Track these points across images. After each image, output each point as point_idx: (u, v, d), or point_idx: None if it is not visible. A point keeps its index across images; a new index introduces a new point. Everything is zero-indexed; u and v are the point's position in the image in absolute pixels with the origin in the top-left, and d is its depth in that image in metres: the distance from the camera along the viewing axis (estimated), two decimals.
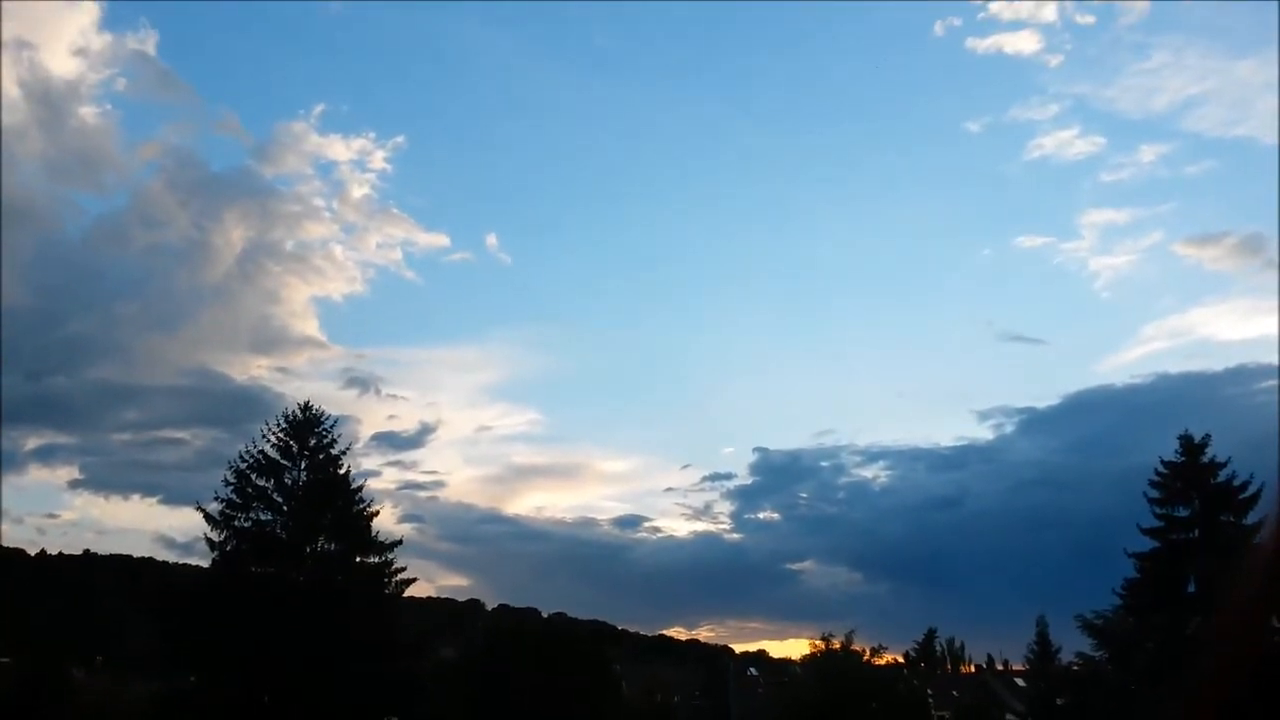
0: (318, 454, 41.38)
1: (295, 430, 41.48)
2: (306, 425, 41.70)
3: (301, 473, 41.01)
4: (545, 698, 48.85)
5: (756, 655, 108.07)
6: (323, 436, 41.66)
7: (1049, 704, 58.78)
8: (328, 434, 41.72)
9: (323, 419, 42.02)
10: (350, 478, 41.52)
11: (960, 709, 70.43)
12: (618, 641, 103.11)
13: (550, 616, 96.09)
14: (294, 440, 41.28)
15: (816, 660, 51.06)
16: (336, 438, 41.84)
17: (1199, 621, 42.14)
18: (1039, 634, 67.53)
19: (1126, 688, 43.90)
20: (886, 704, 48.80)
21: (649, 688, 76.71)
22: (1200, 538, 42.91)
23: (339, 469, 41.44)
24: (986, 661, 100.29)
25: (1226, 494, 42.76)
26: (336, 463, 41.49)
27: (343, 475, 41.39)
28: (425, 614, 78.57)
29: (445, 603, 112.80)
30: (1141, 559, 43.77)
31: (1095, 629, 45.23)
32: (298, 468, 41.06)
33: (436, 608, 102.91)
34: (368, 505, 41.24)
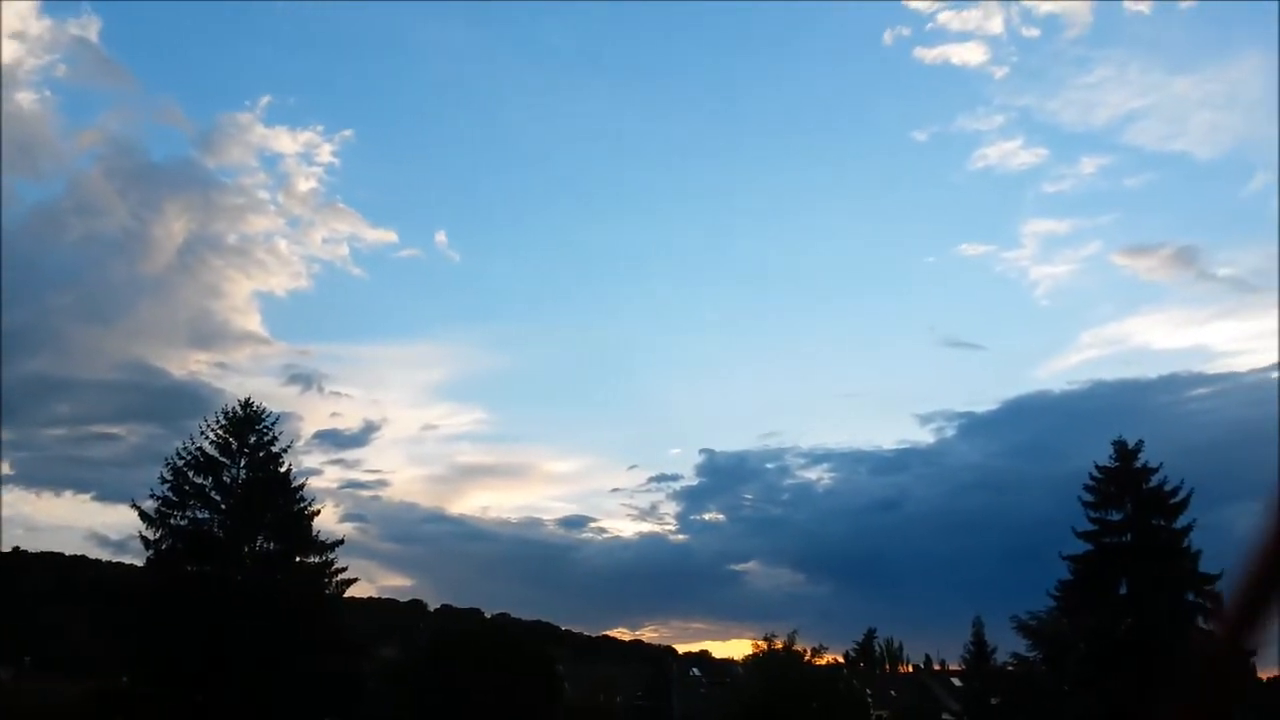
0: (258, 452, 40.78)
1: (235, 427, 40.82)
2: (246, 422, 41.05)
3: (241, 470, 40.36)
4: (488, 698, 48.58)
5: (699, 656, 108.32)
6: (263, 434, 41.08)
7: (984, 703, 59.83)
8: (268, 431, 41.21)
9: (263, 416, 41.48)
10: (291, 476, 41.11)
11: (898, 709, 71.38)
12: (561, 642, 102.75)
13: (493, 617, 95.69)
14: (233, 437, 40.63)
15: (758, 660, 51.38)
16: (277, 435, 41.42)
17: (1129, 623, 43.29)
18: (975, 634, 68.67)
19: (1059, 687, 44.88)
20: (826, 704, 49.26)
21: (592, 688, 76.65)
22: (1132, 541, 44.02)
23: (279, 467, 40.91)
24: (924, 661, 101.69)
25: (1158, 499, 43.92)
26: (277, 461, 40.95)
27: (283, 474, 40.86)
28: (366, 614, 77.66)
29: (387, 603, 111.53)
30: (1075, 561, 44.78)
31: (1029, 630, 46.17)
32: (237, 465, 40.41)
33: (378, 608, 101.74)
34: (309, 504, 40.85)
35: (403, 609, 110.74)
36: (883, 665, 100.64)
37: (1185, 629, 42.09)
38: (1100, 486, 45.01)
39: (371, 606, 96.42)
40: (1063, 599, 44.88)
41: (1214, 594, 41.98)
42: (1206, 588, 42.26)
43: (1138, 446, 44.90)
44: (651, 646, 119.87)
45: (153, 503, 38.75)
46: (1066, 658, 44.01)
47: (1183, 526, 43.33)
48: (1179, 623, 42.01)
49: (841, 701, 52.83)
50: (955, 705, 71.77)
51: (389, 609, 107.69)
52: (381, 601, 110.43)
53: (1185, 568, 42.59)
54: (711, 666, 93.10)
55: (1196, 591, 42.45)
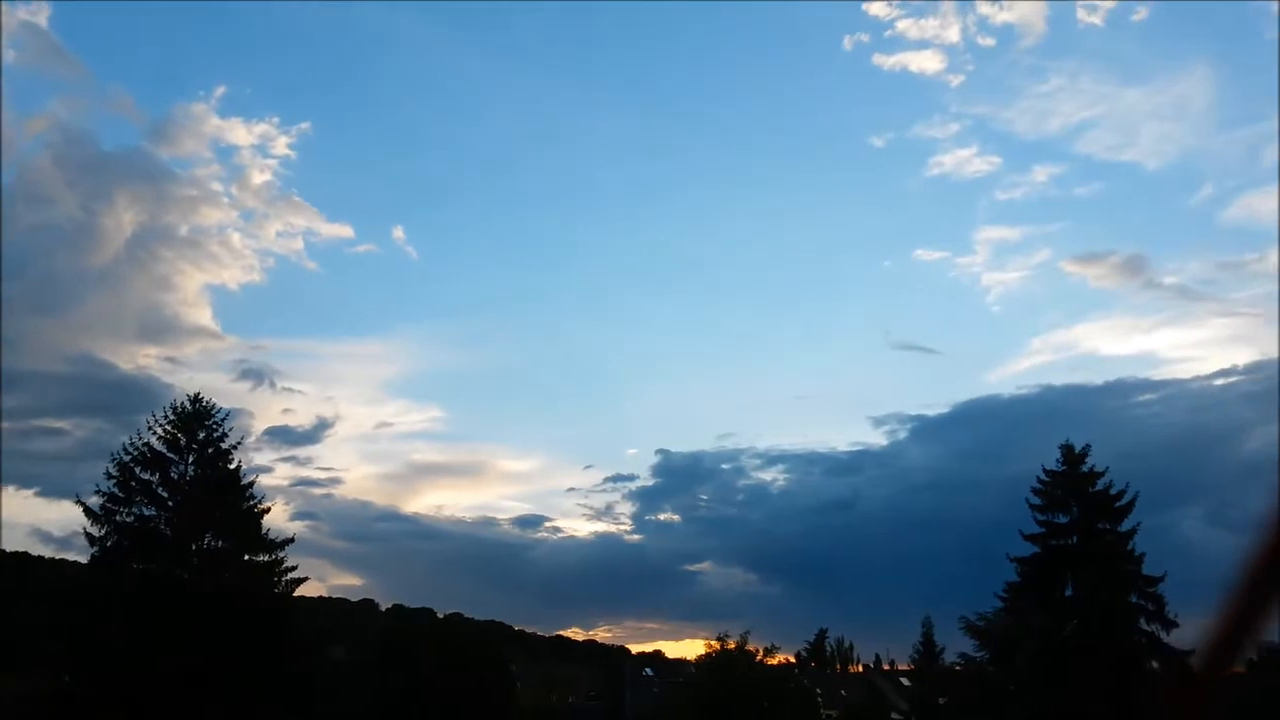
0: (207, 448, 40.20)
1: (184, 422, 40.20)
2: (196, 418, 40.46)
3: (189, 467, 39.77)
4: (440, 698, 48.30)
5: (653, 655, 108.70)
6: (213, 430, 40.50)
7: (932, 703, 60.64)
8: (218, 427, 40.62)
9: (213, 411, 40.89)
10: (241, 473, 40.56)
11: (848, 708, 72.06)
12: (514, 642, 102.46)
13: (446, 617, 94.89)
14: (182, 433, 40.01)
15: (711, 660, 51.54)
16: (227, 431, 40.81)
17: (1075, 624, 44.05)
18: (924, 634, 69.69)
19: (1006, 687, 45.56)
20: (778, 703, 49.59)
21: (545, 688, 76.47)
22: (1078, 544, 44.79)
23: (229, 464, 40.35)
24: (874, 661, 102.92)
25: (1104, 502, 44.71)
26: (226, 457, 40.39)
27: (233, 471, 40.32)
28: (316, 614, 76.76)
29: (338, 603, 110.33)
30: (1022, 563, 45.46)
31: (977, 630, 46.83)
32: (185, 462, 39.80)
33: (329, 608, 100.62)
34: (258, 502, 40.32)
35: (354, 608, 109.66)
36: (834, 665, 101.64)
37: (1129, 630, 42.95)
38: (1047, 490, 45.73)
39: (322, 606, 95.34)
40: (1010, 600, 45.53)
41: (1157, 596, 42.87)
42: (1150, 590, 43.12)
43: (1084, 451, 45.68)
44: (605, 646, 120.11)
45: (98, 499, 38.06)
46: (1013, 658, 44.67)
47: (1127, 530, 44.16)
48: (1123, 624, 42.85)
49: (792, 701, 53.20)
50: (904, 705, 72.66)
51: (340, 608, 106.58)
52: (332, 601, 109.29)
53: (1129, 570, 43.41)
54: (665, 666, 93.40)
55: (1140, 593, 43.27)
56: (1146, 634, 43.01)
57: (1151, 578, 43.16)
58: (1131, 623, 42.95)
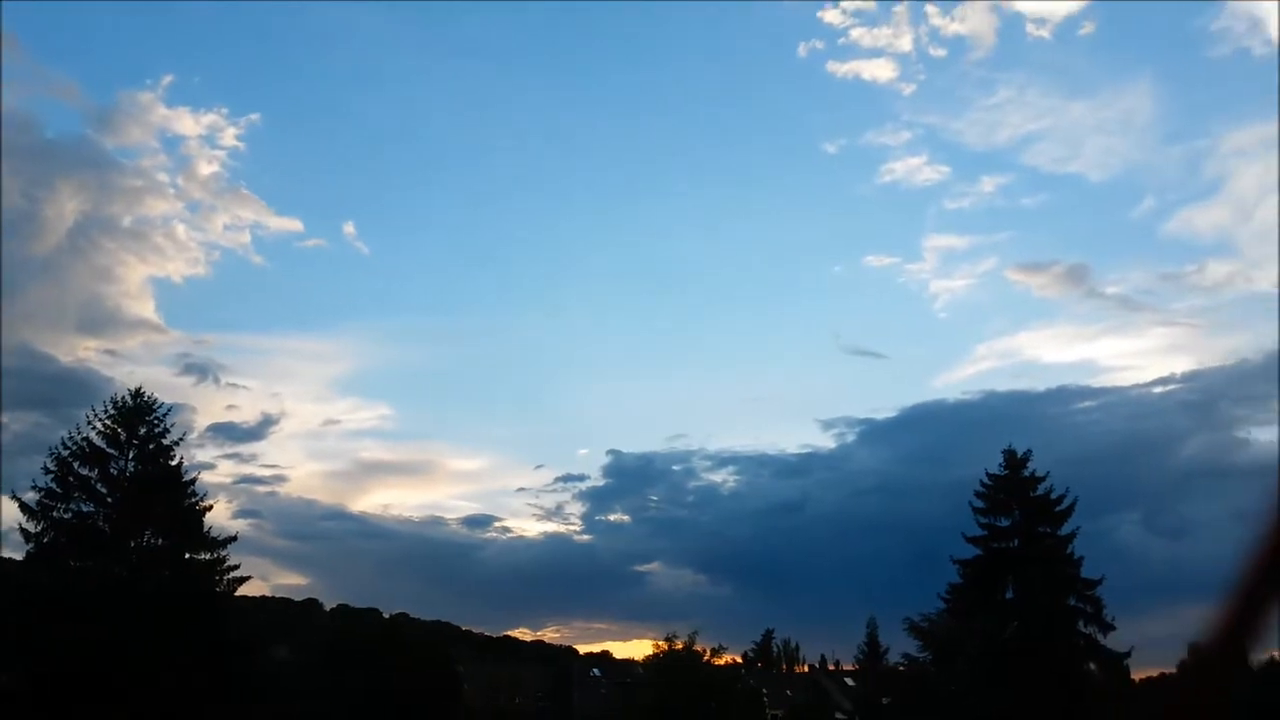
0: (148, 443, 39.52)
1: (124, 417, 39.49)
2: (137, 412, 39.77)
3: (129, 463, 39.05)
4: (386, 699, 47.89)
5: (601, 656, 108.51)
6: (154, 425, 39.84)
7: (875, 703, 61.37)
8: (160, 422, 39.96)
9: (155, 406, 40.22)
10: (183, 470, 39.96)
11: (793, 708, 72.69)
12: (461, 642, 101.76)
13: (392, 617, 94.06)
14: (122, 428, 39.29)
15: (658, 660, 51.70)
16: (169, 427, 40.17)
17: (1015, 626, 44.88)
18: (869, 635, 70.65)
19: (947, 687, 46.28)
20: (724, 703, 49.90)
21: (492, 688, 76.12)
22: (1019, 547, 45.65)
23: (170, 460, 39.74)
24: (820, 661, 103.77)
25: (1044, 506, 45.61)
26: (168, 453, 39.76)
27: (174, 467, 39.71)
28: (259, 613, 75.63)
29: (281, 602, 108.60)
30: (965, 565, 46.22)
31: (921, 631, 47.53)
32: (125, 457, 39.09)
33: (271, 607, 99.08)
34: (200, 499, 39.74)
35: (297, 608, 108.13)
36: (780, 665, 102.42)
37: (1068, 632, 43.85)
38: (990, 493, 46.53)
39: (265, 605, 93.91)
40: (952, 601, 46.27)
41: (1095, 599, 43.83)
42: (1088, 593, 44.07)
43: (1026, 456, 46.57)
44: (553, 647, 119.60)
45: (35, 494, 37.22)
46: (955, 658, 45.40)
47: (1067, 533, 45.09)
48: (1062, 626, 43.74)
49: (739, 701, 53.55)
50: (848, 705, 73.46)
51: (283, 608, 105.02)
52: (275, 600, 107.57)
53: (1068, 573, 44.32)
54: (613, 667, 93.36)
55: (1078, 596, 44.20)
56: (1085, 636, 43.94)
57: (1090, 581, 44.12)
58: (1070, 625, 43.85)
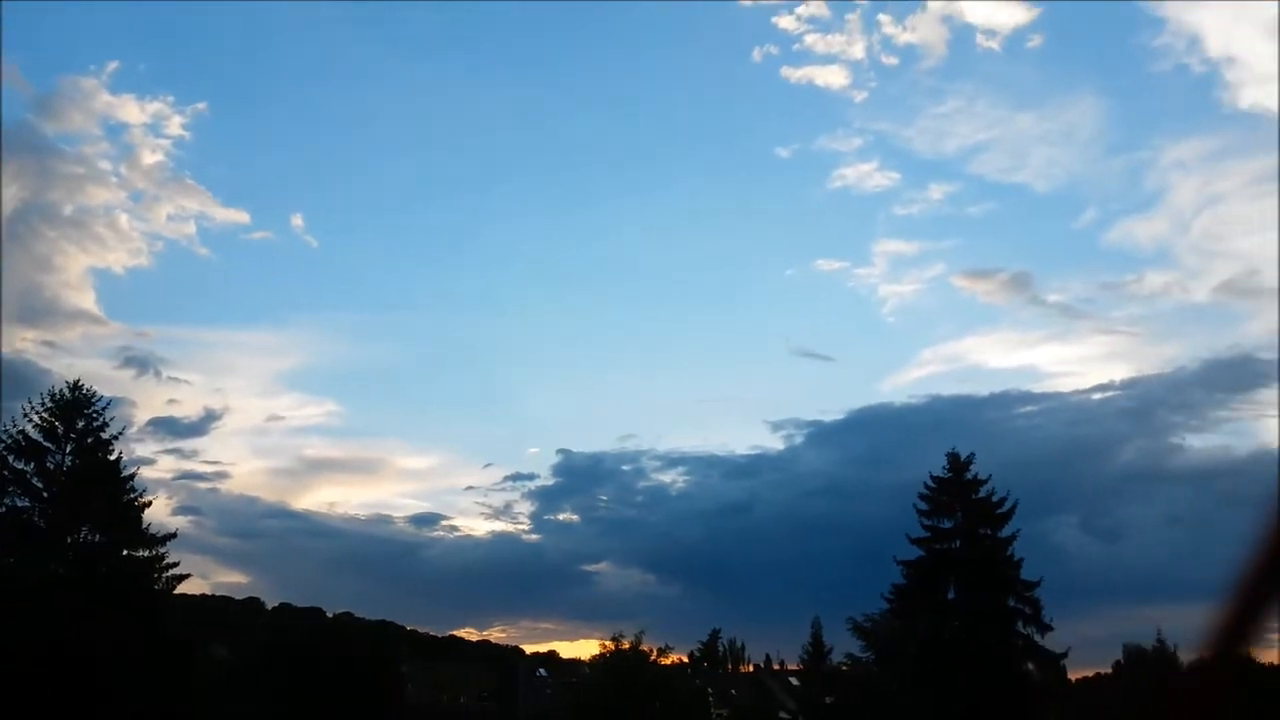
0: (86, 437, 38.78)
1: (62, 410, 38.69)
2: (75, 406, 38.99)
3: (67, 457, 38.28)
4: (328, 699, 47.34)
5: (547, 656, 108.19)
6: (93, 419, 39.12)
7: (819, 702, 62.00)
8: (98, 416, 39.27)
9: (94, 399, 39.50)
10: (121, 465, 39.25)
11: (738, 707, 73.17)
12: (406, 642, 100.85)
13: (335, 616, 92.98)
14: (60, 421, 38.49)
15: (605, 660, 51.75)
16: (108, 421, 39.48)
17: (956, 626, 45.66)
18: (813, 635, 71.26)
19: (889, 687, 46.95)
20: (670, 703, 50.10)
21: (436, 688, 75.62)
22: (961, 548, 46.44)
23: (109, 455, 39.02)
24: (765, 661, 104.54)
25: (986, 509, 46.45)
26: (107, 448, 39.04)
27: (113, 462, 38.99)
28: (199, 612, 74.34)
29: (221, 601, 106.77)
30: (908, 566, 46.90)
31: (863, 631, 48.16)
32: (63, 451, 38.29)
33: (211, 606, 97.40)
34: (139, 495, 39.12)
35: (238, 607, 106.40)
36: (726, 665, 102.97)
37: (1007, 632, 44.71)
38: (934, 495, 47.28)
39: (205, 604, 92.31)
40: (895, 602, 46.91)
41: (1033, 600, 44.73)
42: (1026, 594, 44.97)
43: (969, 459, 47.38)
44: (499, 646, 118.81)
45: None
46: (897, 658, 46.05)
47: (1007, 535, 45.96)
48: (1001, 626, 44.58)
49: (684, 701, 53.80)
50: (792, 704, 74.13)
51: (223, 607, 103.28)
52: (216, 599, 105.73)
53: (1008, 574, 45.17)
54: (559, 666, 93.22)
55: (1017, 597, 45.08)
56: (1023, 636, 44.82)
57: (1028, 582, 45.01)
58: (1009, 625, 44.70)
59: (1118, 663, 65.41)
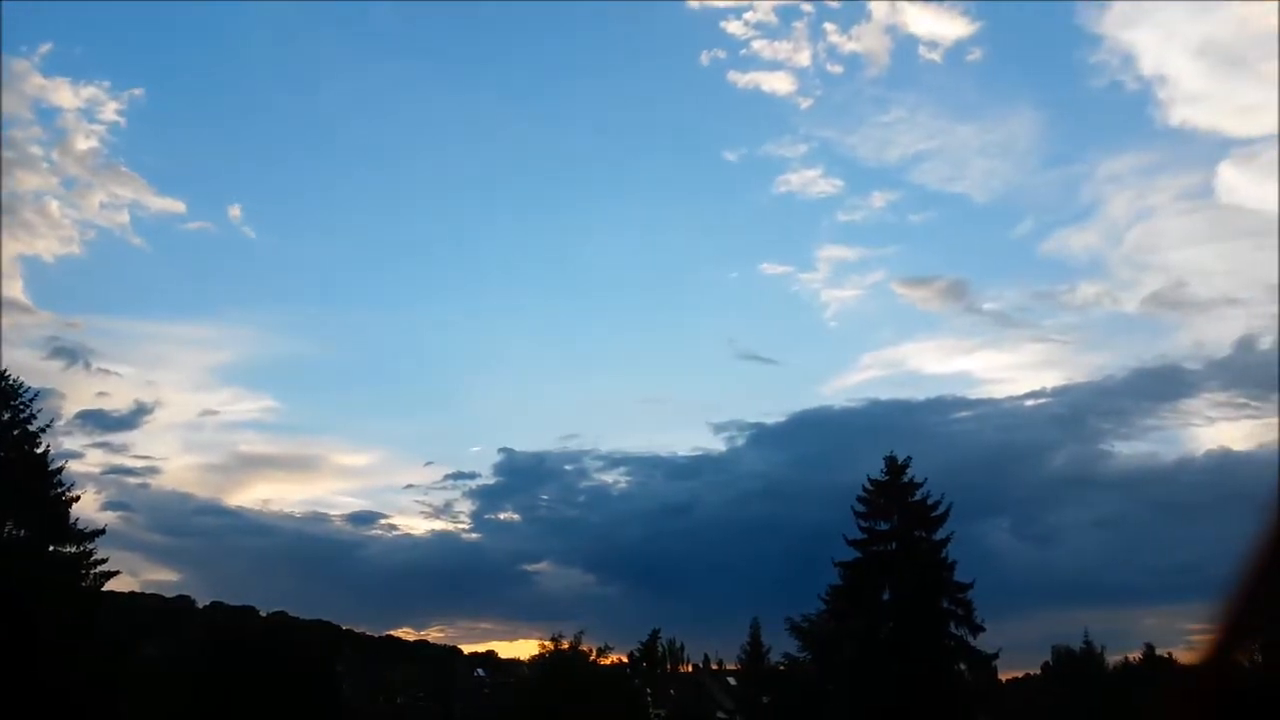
0: (12, 429, 38.01)
1: None
2: (1, 396, 38.06)
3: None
4: (261, 700, 46.62)
5: (486, 656, 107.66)
6: (19, 410, 38.35)
7: (756, 702, 62.50)
8: (25, 408, 38.51)
9: (20, 390, 38.72)
10: (48, 458, 38.54)
11: (675, 707, 73.47)
12: (342, 642, 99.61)
13: (269, 615, 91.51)
14: None
15: (543, 661, 51.70)
16: (35, 413, 38.75)
17: (891, 627, 46.36)
18: (752, 635, 71.71)
19: (825, 687, 47.53)
20: (607, 703, 50.17)
21: (373, 689, 74.86)
22: (897, 550, 47.15)
23: (35, 447, 38.28)
24: (703, 661, 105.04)
25: (921, 511, 47.20)
26: (33, 441, 38.29)
27: (39, 455, 38.26)
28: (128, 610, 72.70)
29: (151, 599, 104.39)
30: (845, 568, 47.49)
31: (801, 631, 48.71)
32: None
33: (141, 604, 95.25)
34: (67, 489, 38.35)
35: (168, 605, 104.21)
36: (665, 665, 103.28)
37: (940, 634, 45.50)
38: (871, 498, 47.92)
39: (134, 602, 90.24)
40: (832, 603, 47.49)
41: (966, 602, 45.57)
42: (959, 596, 45.80)
43: (906, 462, 48.09)
44: (437, 646, 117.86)
45: None
46: (833, 658, 46.65)
47: (941, 538, 46.75)
48: (934, 628, 45.36)
49: (623, 701, 53.92)
50: (730, 704, 74.60)
51: (153, 605, 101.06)
52: (145, 597, 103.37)
53: (941, 576, 45.96)
54: (498, 666, 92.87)
55: (951, 599, 45.89)
56: (956, 637, 45.63)
57: (961, 584, 45.86)
58: (942, 626, 45.48)
59: (1046, 664, 66.89)
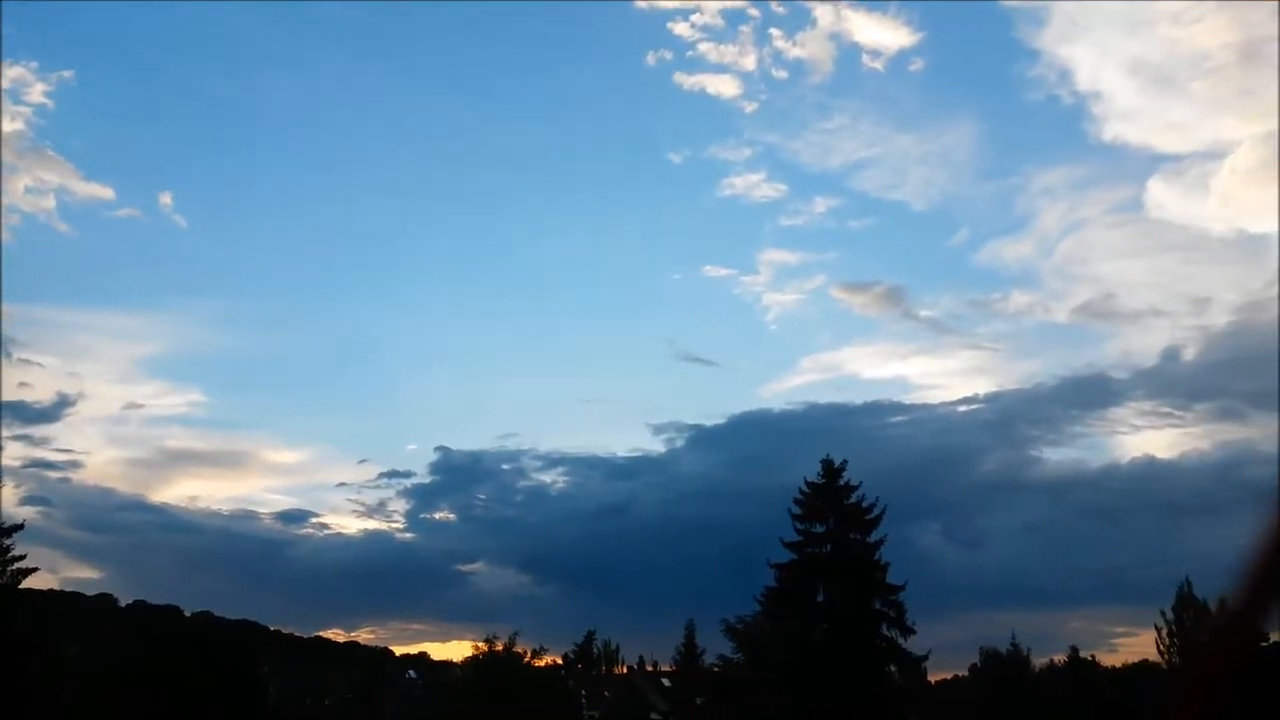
0: None
1: None
2: None
3: None
4: (183, 701, 45.47)
5: (419, 657, 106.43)
6: None
7: (691, 703, 62.68)
8: None
9: None
10: None
11: (610, 709, 73.37)
12: (269, 643, 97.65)
13: (193, 616, 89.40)
14: None
15: (477, 662, 51.17)
16: None
17: (824, 628, 46.78)
18: (687, 637, 71.91)
19: (759, 688, 47.76)
20: (541, 705, 49.83)
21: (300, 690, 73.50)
22: (831, 552, 47.59)
23: None
24: (639, 662, 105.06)
25: (856, 514, 47.72)
26: None
27: None
28: (46, 608, 70.41)
29: (71, 597, 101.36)
30: (781, 569, 47.82)
31: (736, 633, 48.93)
32: None
33: (60, 601, 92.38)
34: None
35: (89, 603, 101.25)
36: (600, 666, 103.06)
37: (872, 635, 46.03)
38: (807, 500, 48.31)
39: (53, 600, 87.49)
40: (768, 604, 47.77)
41: (898, 604, 46.17)
42: (891, 597, 46.40)
43: (842, 465, 48.61)
44: (367, 648, 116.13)
45: None
46: (767, 659, 46.90)
47: (875, 540, 47.33)
48: (866, 629, 45.88)
49: (557, 702, 53.62)
50: (664, 705, 74.71)
51: (73, 603, 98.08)
52: (65, 595, 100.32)
53: (874, 578, 46.52)
54: (430, 668, 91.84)
55: (883, 600, 46.47)
56: (887, 639, 46.21)
57: (893, 586, 46.46)
58: (875, 628, 46.03)
59: (974, 665, 68.19)
